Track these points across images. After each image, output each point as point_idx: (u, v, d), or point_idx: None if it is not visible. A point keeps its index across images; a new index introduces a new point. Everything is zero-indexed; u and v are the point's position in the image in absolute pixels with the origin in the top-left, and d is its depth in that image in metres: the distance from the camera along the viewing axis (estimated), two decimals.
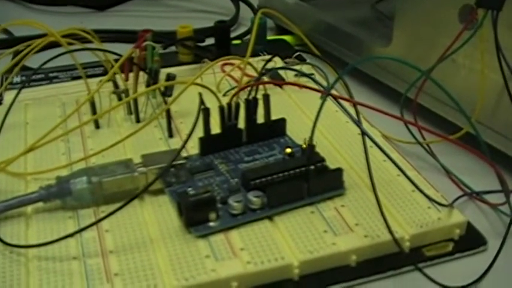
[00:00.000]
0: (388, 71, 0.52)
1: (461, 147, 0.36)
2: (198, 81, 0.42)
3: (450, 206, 0.38)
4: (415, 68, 0.36)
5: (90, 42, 0.50)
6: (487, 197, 0.41)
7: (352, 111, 0.36)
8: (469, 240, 0.37)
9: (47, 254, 0.34)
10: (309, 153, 0.38)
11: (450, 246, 0.37)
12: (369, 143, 0.35)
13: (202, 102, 0.39)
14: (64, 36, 0.47)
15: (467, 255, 0.37)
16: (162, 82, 0.47)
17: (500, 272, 0.35)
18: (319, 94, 0.39)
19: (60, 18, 0.77)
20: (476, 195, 0.41)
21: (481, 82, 0.42)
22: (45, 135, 0.40)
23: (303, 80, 0.50)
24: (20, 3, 0.82)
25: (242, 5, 0.75)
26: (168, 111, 0.44)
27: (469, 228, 0.38)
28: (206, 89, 0.40)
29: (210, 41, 0.60)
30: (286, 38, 0.65)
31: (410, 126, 0.45)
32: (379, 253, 0.36)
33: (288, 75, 0.53)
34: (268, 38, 0.63)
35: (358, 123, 0.35)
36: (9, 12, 0.79)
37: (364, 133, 0.35)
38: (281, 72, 0.53)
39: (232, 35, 0.66)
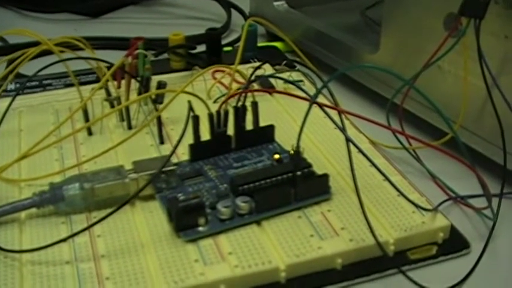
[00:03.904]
0: (374, 77, 0.53)
1: (443, 152, 0.37)
2: (189, 88, 0.43)
3: (434, 210, 0.39)
4: (399, 77, 0.37)
5: (83, 49, 0.50)
6: (471, 201, 0.42)
7: (339, 118, 0.37)
8: (453, 244, 0.38)
9: (40, 258, 0.35)
10: (296, 159, 0.39)
11: (434, 250, 0.37)
12: (355, 149, 0.36)
13: (191, 110, 0.39)
14: (57, 45, 0.48)
15: (450, 258, 0.37)
16: (153, 90, 0.48)
17: (482, 274, 0.36)
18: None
19: (54, 25, 0.77)
20: (460, 199, 0.42)
21: (464, 89, 0.43)
22: (38, 142, 0.41)
23: (292, 87, 0.51)
24: (14, 10, 0.82)
25: (234, 11, 0.76)
26: (159, 118, 0.45)
27: (453, 231, 0.38)
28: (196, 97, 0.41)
29: (202, 47, 0.61)
30: (277, 44, 0.66)
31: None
32: (364, 256, 0.36)
33: (278, 82, 0.54)
34: (259, 44, 0.64)
35: (342, 130, 0.36)
36: (3, 18, 0.80)
37: (348, 140, 0.35)
38: (271, 78, 0.54)
39: (224, 41, 0.67)
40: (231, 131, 0.43)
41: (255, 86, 0.52)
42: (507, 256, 0.38)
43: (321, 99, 0.46)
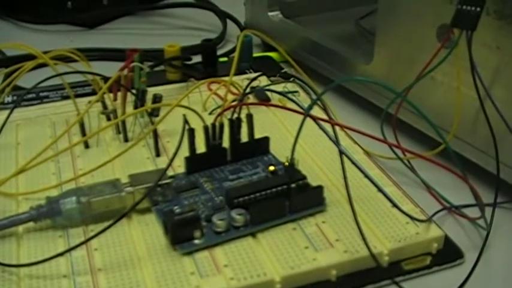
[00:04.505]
0: (369, 87, 0.53)
1: (435, 163, 0.37)
2: (185, 100, 0.43)
3: (428, 220, 0.39)
4: (391, 90, 0.37)
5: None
6: (465, 210, 0.42)
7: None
8: (447, 254, 0.38)
9: (38, 272, 0.35)
10: (290, 171, 0.39)
11: (428, 260, 0.38)
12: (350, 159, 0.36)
13: (186, 122, 0.40)
14: (53, 58, 0.48)
15: (444, 269, 0.38)
16: (149, 103, 0.48)
17: (476, 284, 0.36)
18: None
19: (50, 36, 0.78)
20: (454, 209, 0.42)
21: (457, 99, 0.43)
22: (35, 156, 0.41)
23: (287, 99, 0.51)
24: (11, 21, 0.82)
25: (229, 22, 0.76)
26: (155, 131, 0.46)
27: (447, 242, 0.39)
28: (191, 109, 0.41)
29: (198, 58, 0.61)
30: (272, 54, 0.66)
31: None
32: (359, 268, 0.37)
33: (273, 93, 0.54)
34: (255, 55, 0.64)
35: (336, 144, 0.36)
36: (0, 30, 0.80)
37: (342, 153, 0.36)
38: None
39: (220, 52, 0.67)
40: (226, 143, 0.43)
41: (250, 97, 0.53)
42: (501, 266, 0.38)
43: (316, 110, 0.46)
